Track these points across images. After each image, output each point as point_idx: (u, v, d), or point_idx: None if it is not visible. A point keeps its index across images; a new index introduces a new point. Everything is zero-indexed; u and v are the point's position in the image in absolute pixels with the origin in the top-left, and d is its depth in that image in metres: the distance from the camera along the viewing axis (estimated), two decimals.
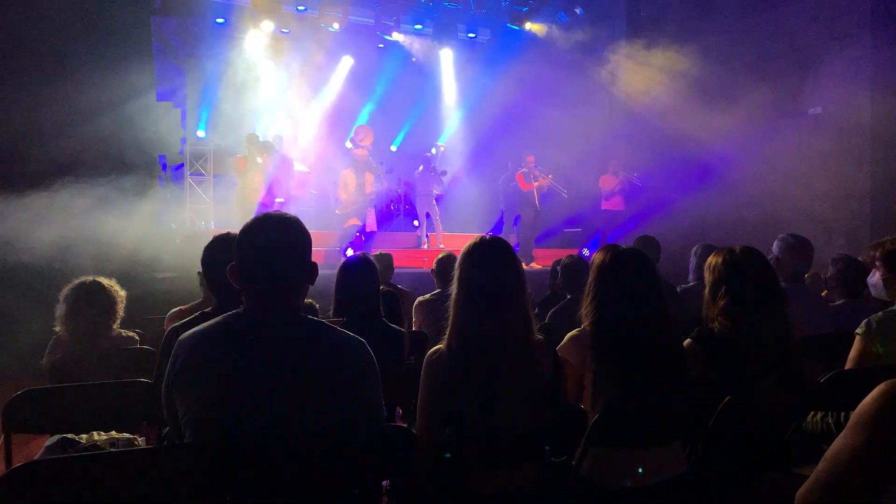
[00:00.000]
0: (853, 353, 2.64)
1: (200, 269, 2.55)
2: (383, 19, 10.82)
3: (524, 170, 9.52)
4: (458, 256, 2.06)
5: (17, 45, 6.72)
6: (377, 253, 5.09)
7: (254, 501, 1.53)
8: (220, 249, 2.33)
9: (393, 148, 12.45)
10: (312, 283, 1.72)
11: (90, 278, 3.14)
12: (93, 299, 3.07)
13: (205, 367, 1.57)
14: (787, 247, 3.50)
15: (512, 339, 1.94)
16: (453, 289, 2.02)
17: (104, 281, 3.15)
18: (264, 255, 1.65)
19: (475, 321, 1.94)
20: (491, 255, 2.02)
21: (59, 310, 3.07)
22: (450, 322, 2.00)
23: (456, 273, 2.03)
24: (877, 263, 2.82)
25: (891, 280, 2.77)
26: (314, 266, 1.72)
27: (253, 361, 1.57)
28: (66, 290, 3.09)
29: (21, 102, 6.70)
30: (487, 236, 2.11)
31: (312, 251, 1.75)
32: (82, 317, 3.04)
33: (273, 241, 1.65)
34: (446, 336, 1.98)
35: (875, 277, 2.85)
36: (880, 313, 2.64)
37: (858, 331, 2.63)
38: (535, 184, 9.41)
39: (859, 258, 3.73)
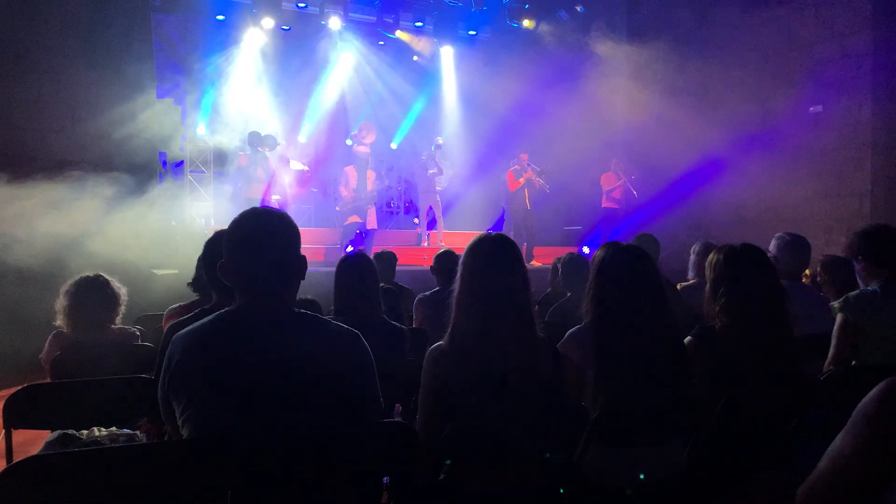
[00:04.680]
0: (835, 327, 2.84)
1: (196, 271, 2.54)
2: (384, 17, 10.80)
3: (516, 167, 9.47)
4: (463, 253, 2.06)
5: (17, 43, 6.71)
6: (380, 251, 5.09)
7: (254, 498, 1.53)
8: (219, 244, 2.32)
9: (393, 145, 12.43)
10: (303, 277, 1.70)
11: (92, 273, 3.13)
12: (95, 294, 3.06)
13: (198, 366, 1.56)
14: (784, 245, 3.53)
15: (514, 336, 1.94)
16: (456, 286, 2.01)
17: (106, 276, 3.15)
18: (251, 250, 1.63)
19: (478, 318, 1.94)
20: (495, 253, 2.01)
21: (60, 304, 3.06)
22: (452, 319, 1.99)
23: (460, 270, 2.03)
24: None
25: (862, 269, 2.94)
26: (303, 259, 1.70)
27: (247, 358, 1.56)
28: (67, 285, 3.07)
29: (22, 100, 6.69)
30: (492, 233, 2.11)
31: (313, 249, 1.74)
32: (84, 311, 3.03)
33: (259, 237, 1.64)
34: (448, 332, 1.98)
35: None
36: (857, 290, 2.87)
37: (835, 304, 2.84)
38: (523, 179, 9.35)
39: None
